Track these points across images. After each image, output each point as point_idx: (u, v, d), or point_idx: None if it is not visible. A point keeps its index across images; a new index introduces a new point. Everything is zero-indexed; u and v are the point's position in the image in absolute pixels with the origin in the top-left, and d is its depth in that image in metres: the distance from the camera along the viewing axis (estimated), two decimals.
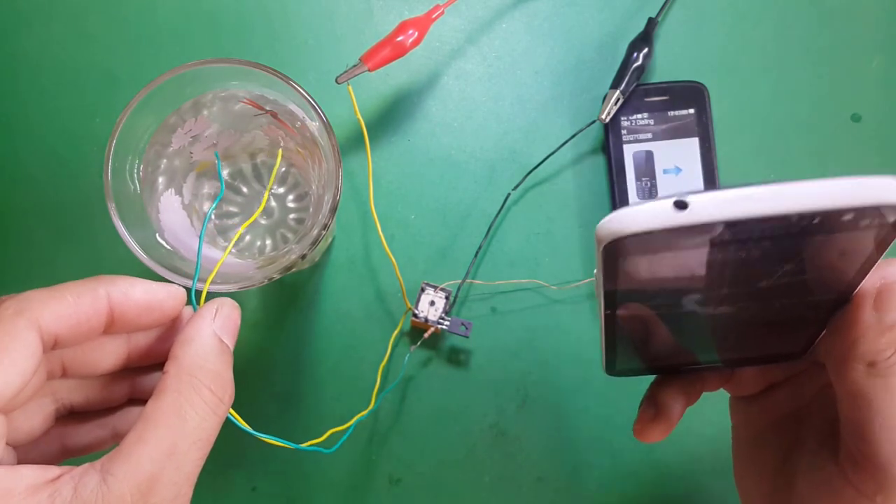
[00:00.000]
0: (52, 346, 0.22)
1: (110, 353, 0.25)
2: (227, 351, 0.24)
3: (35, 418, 0.25)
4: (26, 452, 0.25)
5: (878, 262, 0.22)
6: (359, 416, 0.35)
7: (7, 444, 0.23)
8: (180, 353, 0.23)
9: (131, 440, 0.21)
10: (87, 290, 0.23)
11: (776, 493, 0.28)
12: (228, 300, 0.25)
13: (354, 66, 0.35)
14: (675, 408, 0.28)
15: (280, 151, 0.33)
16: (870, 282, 0.23)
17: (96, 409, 0.27)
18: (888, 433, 0.23)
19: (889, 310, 0.23)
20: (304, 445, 0.29)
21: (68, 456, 0.27)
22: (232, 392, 0.24)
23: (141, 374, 0.28)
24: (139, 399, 0.28)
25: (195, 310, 0.25)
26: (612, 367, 0.28)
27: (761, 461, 0.29)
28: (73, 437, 0.27)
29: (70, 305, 0.22)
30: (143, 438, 0.21)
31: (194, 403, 0.22)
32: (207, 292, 0.27)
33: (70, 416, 0.27)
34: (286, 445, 0.28)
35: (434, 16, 0.37)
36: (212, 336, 0.24)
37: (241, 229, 0.31)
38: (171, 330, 0.26)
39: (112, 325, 0.24)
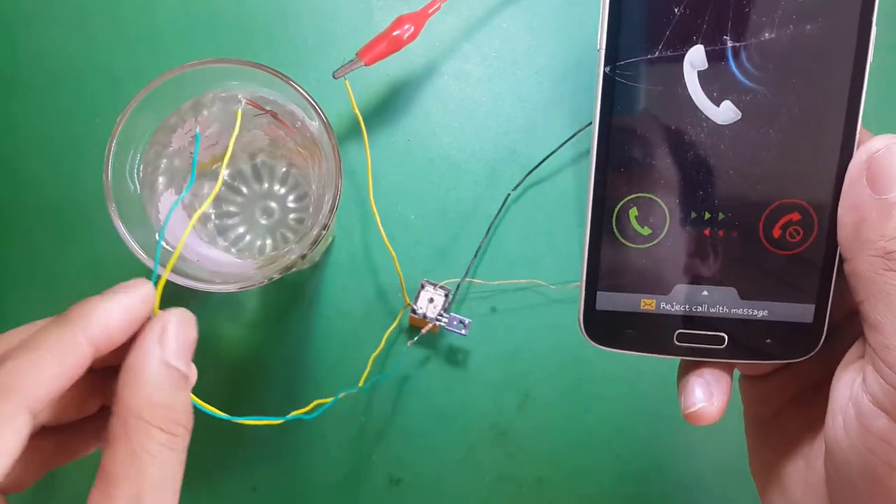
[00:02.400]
0: (40, 409, 0.21)
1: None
2: (178, 376, 0.22)
3: (8, 443, 0.24)
4: (7, 472, 0.25)
5: (860, 137, 0.21)
6: (345, 392, 0.35)
7: None
8: (125, 394, 0.21)
9: (97, 501, 0.20)
10: (67, 345, 0.21)
11: (798, 472, 0.24)
12: (178, 311, 0.23)
13: (351, 61, 0.35)
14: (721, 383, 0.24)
15: (234, 134, 0.32)
16: (856, 160, 0.21)
17: (70, 421, 0.26)
18: None
19: (887, 187, 0.20)
20: (288, 416, 0.29)
21: (50, 468, 0.26)
22: (189, 418, 0.22)
23: (109, 376, 0.27)
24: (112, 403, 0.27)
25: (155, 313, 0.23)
26: (591, 305, 0.23)
27: (782, 440, 0.25)
28: (52, 450, 0.26)
29: (54, 368, 0.21)
30: (109, 496, 0.20)
31: (148, 448, 0.21)
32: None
33: (44, 430, 0.26)
34: (267, 422, 0.27)
35: (430, 10, 0.37)
36: (158, 365, 0.21)
37: (205, 205, 0.31)
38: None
39: (94, 361, 0.22)
